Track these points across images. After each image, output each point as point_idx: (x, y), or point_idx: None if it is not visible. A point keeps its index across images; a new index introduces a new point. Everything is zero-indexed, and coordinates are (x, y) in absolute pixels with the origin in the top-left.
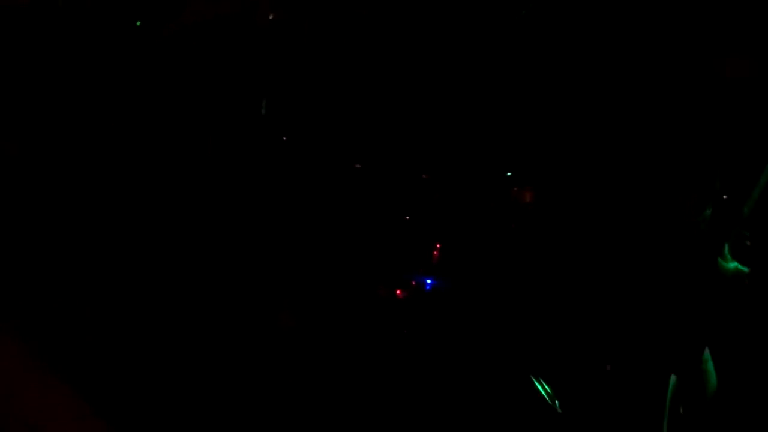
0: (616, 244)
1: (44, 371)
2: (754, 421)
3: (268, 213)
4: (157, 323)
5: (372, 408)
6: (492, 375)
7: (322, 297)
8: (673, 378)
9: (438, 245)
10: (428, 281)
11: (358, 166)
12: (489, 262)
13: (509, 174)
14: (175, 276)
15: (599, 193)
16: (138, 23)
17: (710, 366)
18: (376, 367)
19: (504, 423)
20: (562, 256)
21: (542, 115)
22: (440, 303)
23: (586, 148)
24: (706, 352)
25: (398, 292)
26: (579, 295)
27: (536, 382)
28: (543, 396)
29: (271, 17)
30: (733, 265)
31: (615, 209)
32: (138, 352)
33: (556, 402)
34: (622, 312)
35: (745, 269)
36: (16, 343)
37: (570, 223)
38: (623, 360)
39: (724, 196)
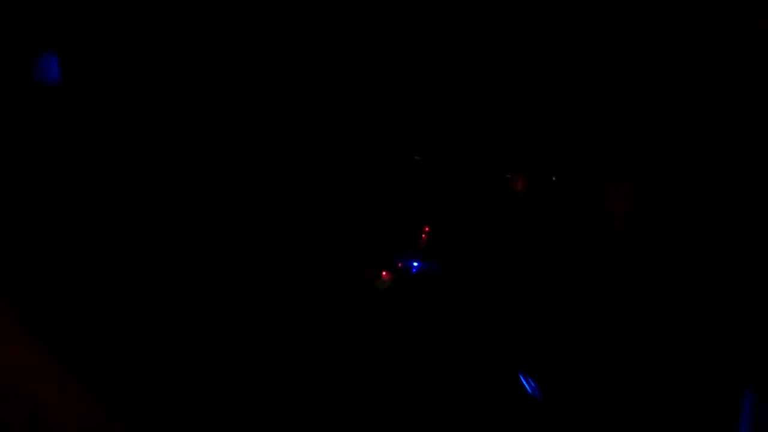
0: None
1: (29, 336)
2: None
3: (256, 193)
4: (146, 298)
5: (358, 387)
6: (479, 365)
7: (308, 276)
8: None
9: (426, 228)
10: (415, 264)
11: (351, 145)
12: (479, 247)
13: (504, 160)
14: (167, 254)
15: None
16: None
17: None
18: (363, 348)
19: (491, 416)
20: (557, 252)
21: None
22: (427, 287)
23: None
24: None
25: (384, 273)
26: (574, 292)
27: (522, 378)
28: (528, 392)
29: None
30: None
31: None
32: (129, 328)
33: (541, 398)
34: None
35: None
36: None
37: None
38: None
39: None
